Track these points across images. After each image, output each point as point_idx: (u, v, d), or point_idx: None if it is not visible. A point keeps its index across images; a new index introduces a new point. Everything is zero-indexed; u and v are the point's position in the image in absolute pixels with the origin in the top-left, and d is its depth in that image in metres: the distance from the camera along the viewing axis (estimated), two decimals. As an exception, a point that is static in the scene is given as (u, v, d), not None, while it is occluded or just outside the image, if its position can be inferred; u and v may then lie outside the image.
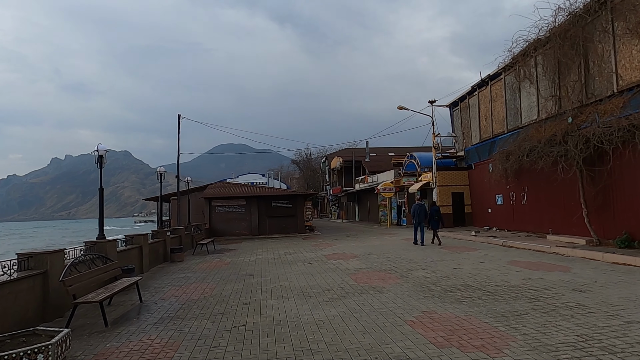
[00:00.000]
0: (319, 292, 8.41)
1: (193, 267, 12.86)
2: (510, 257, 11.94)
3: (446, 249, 14.51)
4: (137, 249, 11.81)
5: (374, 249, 15.43)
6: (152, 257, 13.24)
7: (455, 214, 23.20)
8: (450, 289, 8.04)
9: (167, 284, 10.10)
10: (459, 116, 24.44)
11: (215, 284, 9.88)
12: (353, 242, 18.69)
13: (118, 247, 11.04)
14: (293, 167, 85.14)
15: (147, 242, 12.49)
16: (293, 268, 11.79)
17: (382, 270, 10.65)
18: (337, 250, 15.68)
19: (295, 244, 19.22)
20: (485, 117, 21.01)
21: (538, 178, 15.68)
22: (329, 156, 58.05)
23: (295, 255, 14.95)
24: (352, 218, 45.20)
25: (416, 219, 15.87)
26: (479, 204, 22.08)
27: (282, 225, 25.60)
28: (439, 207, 17.45)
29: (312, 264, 12.36)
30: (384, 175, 35.00)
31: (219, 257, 15.18)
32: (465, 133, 23.68)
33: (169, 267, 13.20)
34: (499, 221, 19.64)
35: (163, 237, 14.59)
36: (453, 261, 11.60)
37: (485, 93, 20.91)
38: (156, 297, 8.69)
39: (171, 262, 14.50)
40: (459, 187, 23.37)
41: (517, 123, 18.09)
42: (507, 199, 18.82)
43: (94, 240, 9.69)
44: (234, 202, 25.18)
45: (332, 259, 13.23)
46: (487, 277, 9.04)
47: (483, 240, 16.38)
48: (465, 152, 23.47)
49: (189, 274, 11.67)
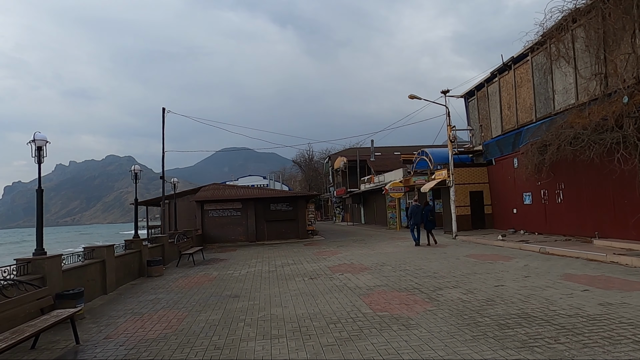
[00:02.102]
0: (322, 326, 6.14)
1: (169, 285, 10.62)
2: (559, 268, 9.61)
3: (475, 257, 12.19)
4: (97, 265, 9.58)
5: (387, 258, 13.14)
6: (122, 272, 11.02)
7: (474, 216, 20.83)
8: (506, 322, 5.74)
9: (127, 312, 7.85)
10: (475, 107, 22.12)
11: (188, 311, 7.62)
12: (361, 249, 16.38)
13: (72, 263, 8.82)
14: (295, 169, 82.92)
15: (112, 255, 10.25)
16: (290, 286, 9.52)
17: (402, 289, 8.36)
18: (343, 260, 13.40)
19: (295, 252, 16.94)
20: (508, 106, 18.68)
21: (579, 172, 13.36)
22: (332, 156, 55.76)
23: (294, 267, 12.68)
24: (358, 221, 42.87)
25: (412, 220, 16.10)
26: (502, 203, 19.72)
27: (281, 230, 23.33)
28: (432, 207, 17.72)
29: (313, 280, 10.08)
30: (391, 175, 32.69)
31: (204, 271, 12.93)
32: (484, 125, 21.34)
33: (141, 285, 10.96)
34: (527, 223, 17.27)
35: (138, 247, 12.37)
36: (489, 275, 9.29)
37: (508, 78, 18.58)
38: (102, 334, 6.44)
39: (148, 277, 12.27)
40: (477, 185, 21.01)
41: (548, 110, 15.75)
42: (537, 197, 16.46)
43: (29, 257, 7.47)
44: (228, 205, 22.94)
45: (338, 272, 10.94)
46: (546, 301, 6.73)
47: (513, 246, 14.04)
48: (484, 147, 21.13)
49: (161, 294, 9.42)
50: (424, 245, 15.76)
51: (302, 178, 78.04)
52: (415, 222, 15.92)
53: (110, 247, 10.23)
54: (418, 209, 16.15)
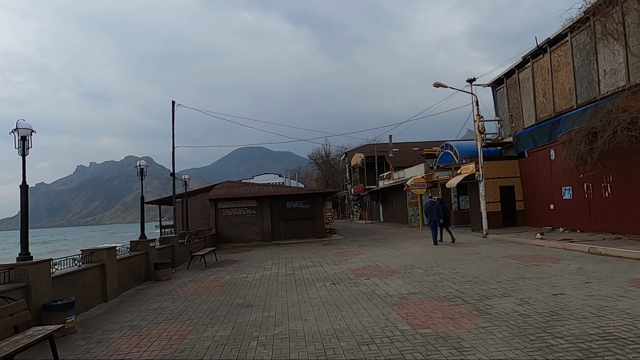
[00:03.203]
0: (352, 348, 4.99)
1: (176, 291, 9.62)
2: (623, 272, 8.24)
3: (515, 258, 10.86)
4: (96, 269, 8.63)
5: (415, 260, 11.91)
6: (126, 276, 10.08)
7: (505, 212, 19.36)
8: (589, 347, 4.49)
9: (124, 325, 6.85)
10: (504, 96, 20.60)
11: (193, 324, 6.57)
12: (385, 250, 15.16)
13: (66, 268, 7.88)
14: (311, 167, 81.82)
15: (114, 258, 9.31)
16: (310, 293, 8.40)
17: (441, 298, 7.15)
18: (367, 262, 12.21)
19: (314, 253, 15.82)
20: (544, 93, 17.16)
21: (633, 162, 11.86)
22: (348, 153, 54.45)
23: (313, 269, 11.56)
24: (376, 219, 41.55)
25: (430, 218, 15.70)
26: (535, 199, 18.22)
27: (298, 229, 22.25)
28: (446, 205, 17.53)
29: (336, 285, 8.94)
30: (412, 170, 31.29)
31: (216, 274, 11.92)
32: (514, 115, 19.83)
33: (146, 291, 10.00)
34: (567, 220, 15.77)
35: (145, 249, 11.43)
36: (540, 280, 7.99)
37: (543, 63, 17.05)
38: (89, 355, 5.42)
39: (155, 280, 11.33)
40: (508, 179, 19.53)
41: (592, 94, 14.24)
42: (579, 191, 14.96)
43: (12, 263, 6.53)
44: (243, 203, 21.98)
45: (363, 276, 9.78)
46: (628, 316, 5.44)
47: (556, 245, 12.63)
48: (515, 138, 19.63)
49: (166, 302, 8.42)
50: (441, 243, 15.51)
51: (317, 176, 76.91)
52: (433, 219, 15.63)
53: (111, 250, 9.28)
54: (434, 206, 15.89)
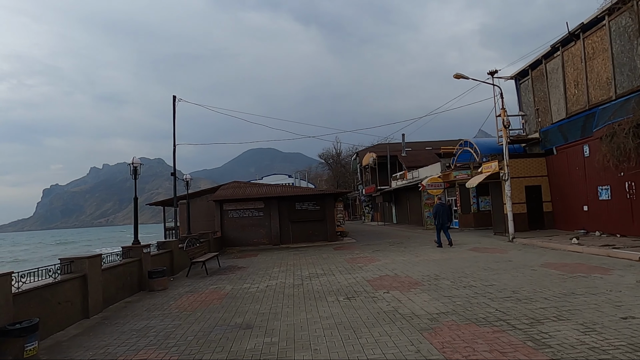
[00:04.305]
0: (376, 399, 3.75)
1: (169, 305, 8.47)
2: (697, 288, 6.86)
3: (555, 268, 9.50)
4: (76, 281, 7.53)
5: (439, 268, 10.61)
6: (113, 287, 8.99)
7: (531, 214, 17.90)
8: None
9: (99, 352, 5.70)
10: (529, 89, 19.14)
11: (179, 353, 5.40)
12: (402, 255, 13.86)
13: (36, 282, 6.78)
14: (321, 168, 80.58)
15: (99, 268, 8.20)
16: (321, 310, 7.17)
17: (480, 320, 5.86)
18: (384, 270, 10.94)
19: (324, 259, 14.59)
20: (576, 83, 15.70)
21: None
22: (360, 153, 53.11)
23: (324, 279, 10.33)
24: (389, 220, 40.16)
25: (438, 220, 15.44)
26: (566, 199, 16.74)
27: (308, 231, 21.04)
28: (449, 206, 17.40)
29: (351, 300, 7.71)
30: (427, 170, 29.88)
31: (217, 283, 10.77)
32: (541, 109, 18.37)
33: (136, 304, 8.88)
34: (604, 223, 14.30)
35: (138, 255, 10.32)
36: (597, 297, 6.64)
37: (575, 50, 15.59)
38: (41, 399, 4.28)
39: (149, 291, 10.21)
40: (534, 178, 18.07)
41: (635, 83, 12.79)
42: (619, 191, 13.49)
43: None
44: (250, 204, 20.85)
45: (382, 289, 8.52)
46: None
47: (598, 252, 11.21)
48: (541, 134, 18.17)
49: (154, 320, 7.27)
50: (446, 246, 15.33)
51: (328, 177, 75.64)
52: (443, 221, 15.43)
53: (95, 258, 8.16)
54: (444, 208, 15.73)
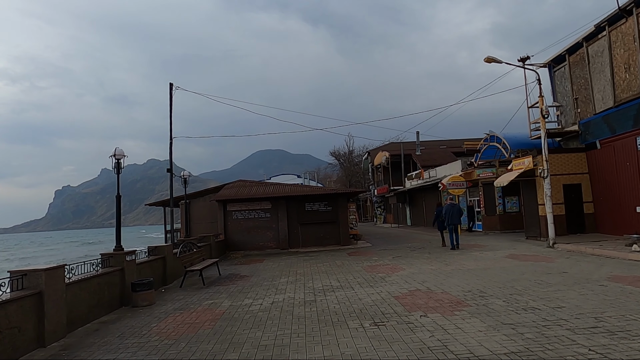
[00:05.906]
0: None
1: (149, 329, 6.77)
2: None
3: (628, 282, 7.62)
4: (29, 300, 5.87)
5: (480, 281, 8.78)
6: (84, 306, 7.32)
7: (570, 216, 15.93)
8: None
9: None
10: (566, 76, 17.18)
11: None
12: (430, 263, 12.01)
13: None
14: (331, 169, 78.73)
15: (61, 283, 6.53)
16: (342, 344, 5.40)
17: (577, 369, 4.05)
18: (412, 283, 9.13)
19: (338, 266, 12.80)
20: (626, 67, 13.73)
21: None
22: (371, 152, 51.19)
23: (342, 293, 8.56)
24: (403, 222, 38.20)
25: (450, 221, 15.05)
26: (612, 200, 14.77)
27: (319, 234, 19.28)
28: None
29: (380, 328, 5.93)
30: (445, 169, 27.94)
31: (213, 297, 9.06)
32: (581, 98, 16.39)
33: (112, 325, 7.19)
34: (664, 226, 12.32)
35: (120, 264, 8.66)
36: None
37: (626, 29, 13.63)
38: None
39: (132, 307, 8.55)
40: (572, 176, 16.11)
41: None
42: (686, 189, 11.52)
43: None
44: (256, 205, 19.16)
45: (417, 309, 6.73)
46: None
47: (670, 262, 9.29)
48: (582, 126, 16.21)
49: (125, 352, 5.58)
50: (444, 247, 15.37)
51: (337, 178, 73.80)
52: (454, 222, 15.05)
53: (55, 270, 6.46)
54: (454, 209, 15.47)
